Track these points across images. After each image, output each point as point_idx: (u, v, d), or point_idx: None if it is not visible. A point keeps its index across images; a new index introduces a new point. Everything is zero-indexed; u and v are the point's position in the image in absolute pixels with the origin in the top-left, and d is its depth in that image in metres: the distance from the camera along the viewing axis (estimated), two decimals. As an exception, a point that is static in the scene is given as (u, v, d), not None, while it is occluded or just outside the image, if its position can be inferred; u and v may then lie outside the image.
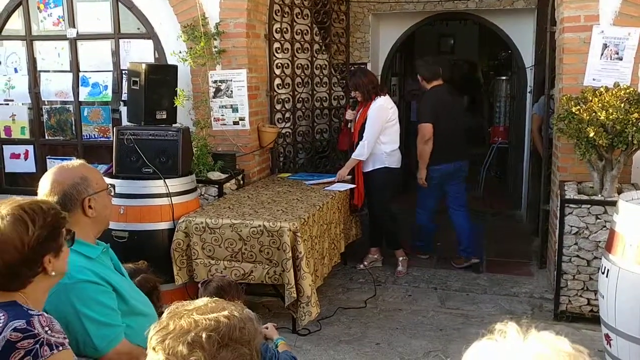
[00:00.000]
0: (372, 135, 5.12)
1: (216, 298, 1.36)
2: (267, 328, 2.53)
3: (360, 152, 5.15)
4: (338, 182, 5.23)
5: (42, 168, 5.75)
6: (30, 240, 1.66)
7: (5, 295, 1.67)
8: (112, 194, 2.24)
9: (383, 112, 5.15)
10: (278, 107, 5.77)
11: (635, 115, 3.84)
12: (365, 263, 5.44)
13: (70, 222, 1.86)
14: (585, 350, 1.03)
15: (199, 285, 2.66)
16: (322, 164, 6.46)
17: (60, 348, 1.61)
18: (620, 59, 4.39)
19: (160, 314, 1.36)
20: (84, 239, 2.05)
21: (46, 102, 5.83)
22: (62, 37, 5.62)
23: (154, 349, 1.23)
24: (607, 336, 3.43)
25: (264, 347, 2.26)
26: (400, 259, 5.38)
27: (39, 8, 5.64)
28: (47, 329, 1.60)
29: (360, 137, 5.17)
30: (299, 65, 6.01)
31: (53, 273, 1.74)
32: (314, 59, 6.21)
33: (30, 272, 1.69)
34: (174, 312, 1.27)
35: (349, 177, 5.35)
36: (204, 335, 1.18)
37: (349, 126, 5.41)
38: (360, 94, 5.20)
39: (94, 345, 1.96)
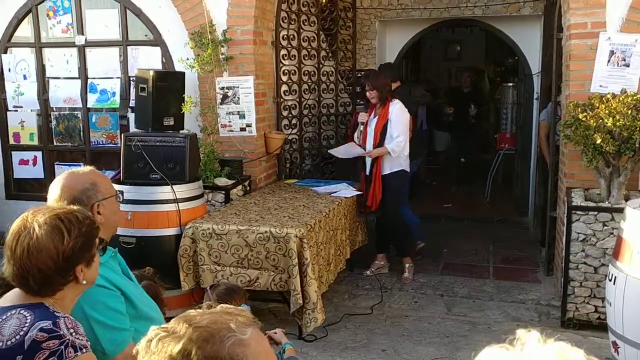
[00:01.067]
0: (404, 134, 5.11)
1: (234, 308, 1.30)
2: (275, 333, 2.54)
3: (394, 148, 5.08)
4: (344, 186, 5.25)
5: (50, 174, 5.79)
6: (65, 250, 1.68)
7: (34, 299, 1.70)
8: (121, 200, 2.26)
9: (405, 113, 5.18)
10: (285, 113, 5.80)
11: (643, 121, 3.84)
12: (372, 269, 5.43)
13: None
14: None
15: (207, 289, 2.68)
16: (328, 170, 6.47)
17: (84, 350, 1.64)
18: (628, 65, 4.38)
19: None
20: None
21: (55, 109, 5.87)
22: (70, 44, 5.67)
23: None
24: (614, 344, 3.41)
25: None
26: (407, 265, 5.38)
27: (48, 15, 5.70)
28: (72, 330, 1.63)
29: (382, 139, 5.12)
30: (306, 71, 6.03)
31: (84, 282, 1.77)
32: (321, 65, 6.23)
33: (63, 280, 1.72)
34: (183, 315, 1.25)
35: (357, 183, 5.36)
36: (159, 335, 1.13)
37: (360, 129, 5.30)
38: (377, 95, 5.13)
39: (103, 348, 1.97)
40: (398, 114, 5.13)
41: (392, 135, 5.09)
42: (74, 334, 1.63)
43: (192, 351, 1.08)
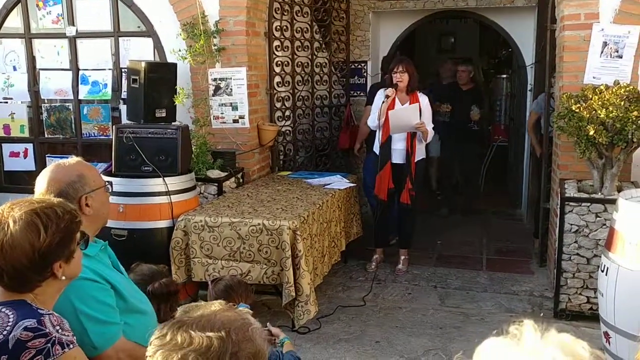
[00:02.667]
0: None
1: (229, 305, 1.32)
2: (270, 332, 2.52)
3: (431, 136, 5.18)
4: (337, 178, 5.24)
5: (41, 166, 5.73)
6: (40, 247, 1.63)
7: (14, 295, 1.66)
8: (110, 190, 2.23)
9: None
10: (278, 105, 5.77)
11: (635, 113, 3.83)
12: (374, 263, 5.39)
13: None
14: (603, 357, 1.00)
15: (209, 282, 2.66)
16: (322, 162, 6.45)
17: (72, 346, 1.61)
18: (621, 57, 4.38)
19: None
20: (81, 236, 2.04)
21: (46, 101, 5.82)
22: (61, 35, 5.61)
23: (150, 356, 1.24)
24: (606, 334, 3.42)
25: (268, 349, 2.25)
26: (403, 257, 5.37)
27: (37, 6, 5.63)
28: (58, 327, 1.60)
29: None
30: (299, 63, 6.00)
31: (63, 278, 1.72)
32: (314, 57, 6.20)
33: (39, 277, 1.67)
34: (178, 320, 1.26)
35: (351, 175, 5.32)
36: (191, 357, 1.18)
37: (383, 100, 5.05)
38: (409, 82, 5.06)
39: (92, 343, 1.95)
40: (428, 106, 5.16)
41: (426, 125, 5.07)
42: (60, 330, 1.60)
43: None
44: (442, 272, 5.30)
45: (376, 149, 5.19)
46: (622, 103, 3.89)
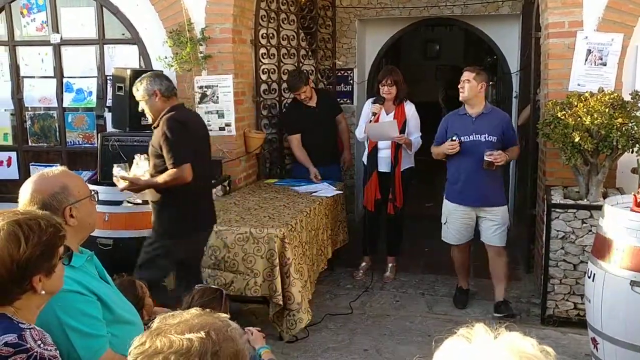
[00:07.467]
0: (419, 133, 5.18)
1: (205, 311, 1.32)
2: (251, 334, 2.48)
3: (416, 144, 5.15)
4: (324, 185, 5.24)
5: (25, 175, 5.67)
6: (20, 259, 1.59)
7: None
8: (96, 200, 2.20)
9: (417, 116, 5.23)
10: (264, 112, 5.76)
11: (620, 120, 3.87)
12: (361, 272, 5.38)
13: None
14: (552, 353, 1.04)
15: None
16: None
17: None
18: (604, 64, 4.43)
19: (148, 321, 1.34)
20: (67, 248, 2.01)
21: (30, 108, 5.76)
22: (45, 43, 5.56)
23: None
24: (593, 340, 3.44)
25: None
26: (390, 265, 5.37)
27: (22, 13, 5.58)
28: (39, 342, 1.56)
29: None
30: (286, 70, 5.99)
31: (43, 292, 1.68)
32: (301, 64, 6.20)
33: (18, 289, 1.63)
34: (156, 328, 1.25)
35: (338, 183, 5.31)
36: (172, 358, 1.18)
37: (371, 118, 5.04)
38: (396, 92, 5.08)
39: (79, 356, 1.92)
40: (415, 115, 5.17)
41: (412, 135, 5.10)
42: (41, 345, 1.56)
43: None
44: (429, 279, 5.30)
45: (364, 158, 5.27)
46: (607, 110, 3.92)
